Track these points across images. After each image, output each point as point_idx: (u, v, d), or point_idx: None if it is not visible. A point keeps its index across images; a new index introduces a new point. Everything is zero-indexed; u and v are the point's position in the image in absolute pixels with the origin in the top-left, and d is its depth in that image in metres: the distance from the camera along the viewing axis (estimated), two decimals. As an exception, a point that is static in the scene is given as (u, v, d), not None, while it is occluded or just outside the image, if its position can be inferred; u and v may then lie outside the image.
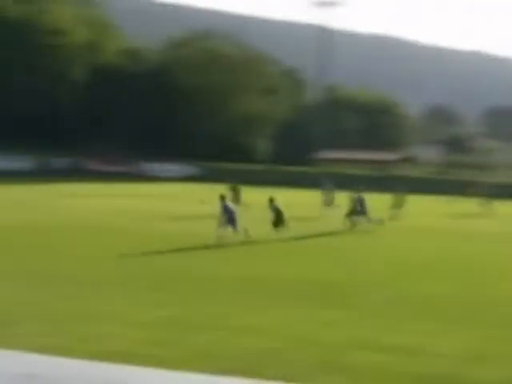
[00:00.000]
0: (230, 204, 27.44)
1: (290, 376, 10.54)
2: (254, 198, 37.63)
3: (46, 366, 9.43)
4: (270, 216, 28.72)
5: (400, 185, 41.86)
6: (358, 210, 32.98)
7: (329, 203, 40.77)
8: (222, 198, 27.11)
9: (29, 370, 8.74)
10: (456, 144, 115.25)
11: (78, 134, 77.96)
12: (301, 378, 10.54)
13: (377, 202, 40.34)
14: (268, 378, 10.13)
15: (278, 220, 28.24)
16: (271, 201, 28.83)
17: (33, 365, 9.12)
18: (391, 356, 11.89)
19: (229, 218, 26.48)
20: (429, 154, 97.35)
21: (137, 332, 12.63)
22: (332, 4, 78.53)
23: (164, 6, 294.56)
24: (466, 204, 51.10)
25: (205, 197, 29.22)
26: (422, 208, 48.78)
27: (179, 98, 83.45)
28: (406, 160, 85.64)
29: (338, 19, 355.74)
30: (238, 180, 39.41)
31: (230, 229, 26.43)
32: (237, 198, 36.17)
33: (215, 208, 28.49)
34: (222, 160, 74.55)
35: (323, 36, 79.95)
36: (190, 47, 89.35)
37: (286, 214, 28.82)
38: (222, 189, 34.64)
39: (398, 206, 39.79)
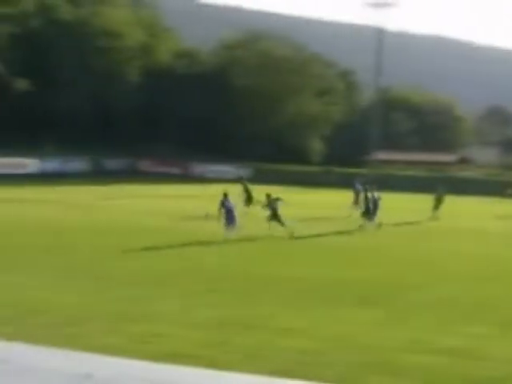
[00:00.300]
0: (229, 202, 27.79)
1: (338, 378, 10.60)
2: (302, 199, 37.51)
3: (102, 365, 9.60)
4: (266, 212, 29.40)
5: (440, 185, 41.44)
6: (370, 209, 32.97)
7: (358, 203, 40.93)
8: (225, 195, 27.78)
9: (86, 370, 8.91)
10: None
11: (131, 135, 78.64)
12: (347, 380, 10.59)
13: (428, 204, 40.11)
14: (315, 379, 10.19)
15: (274, 216, 28.84)
16: (268, 196, 29.57)
17: (90, 365, 9.29)
18: (441, 358, 11.89)
19: (227, 215, 27.17)
20: (486, 156, 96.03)
21: (189, 333, 12.82)
22: (386, 5, 77.99)
23: (215, 7, 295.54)
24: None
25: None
26: (465, 209, 48.26)
27: (233, 100, 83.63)
28: (462, 161, 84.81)
29: (392, 20, 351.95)
30: (291, 181, 39.50)
31: (228, 226, 27.15)
32: (249, 197, 36.95)
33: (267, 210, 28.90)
34: (275, 161, 74.55)
35: (377, 37, 79.43)
36: (244, 49, 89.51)
37: (320, 213, 28.92)
38: (276, 190, 34.92)
39: (437, 207, 39.46)
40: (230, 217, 27.24)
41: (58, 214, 34.33)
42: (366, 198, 33.38)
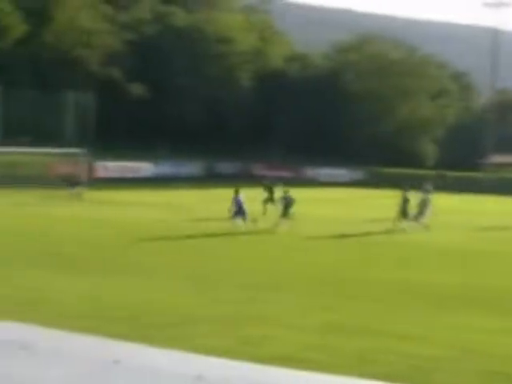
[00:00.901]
0: (240, 197, 30.28)
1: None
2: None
3: (213, 367, 9.67)
4: (279, 208, 31.51)
5: None
6: (407, 211, 32.81)
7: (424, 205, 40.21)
8: (236, 191, 30.53)
9: (197, 372, 9.00)
10: None
11: (243, 139, 79.29)
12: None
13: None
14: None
15: (285, 212, 30.82)
16: (285, 192, 32.01)
17: (201, 366, 9.37)
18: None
19: (238, 209, 29.84)
20: None
21: (298, 336, 12.76)
22: (502, 5, 76.24)
23: (326, 10, 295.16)
24: None
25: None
26: None
27: (345, 103, 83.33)
28: None
29: (510, 20, 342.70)
30: (407, 185, 38.99)
31: (239, 219, 29.84)
32: (271, 198, 37.37)
33: (379, 213, 28.78)
34: (387, 165, 73.82)
35: (493, 38, 77.75)
36: (356, 52, 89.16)
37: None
38: (389, 194, 34.70)
39: None
40: (240, 211, 29.79)
41: (170, 217, 34.93)
42: (406, 199, 33.24)
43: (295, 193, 32.09)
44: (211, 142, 74.95)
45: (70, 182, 46.06)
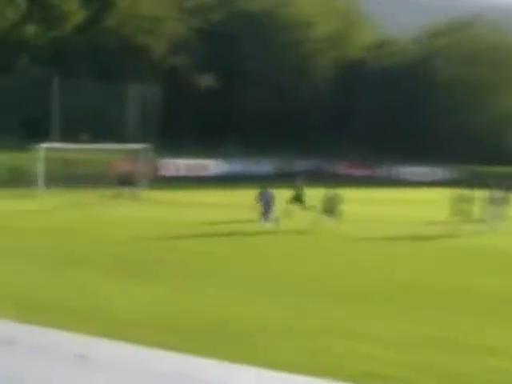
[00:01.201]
0: (266, 196, 32.69)
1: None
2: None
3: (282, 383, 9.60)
4: (321, 206, 33.08)
5: None
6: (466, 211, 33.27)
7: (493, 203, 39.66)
8: (263, 188, 33.23)
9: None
10: None
11: (321, 134, 78.83)
12: None
13: None
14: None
15: (328, 210, 32.76)
16: (328, 191, 33.88)
17: (272, 382, 9.30)
18: None
19: (264, 207, 32.10)
20: None
21: (387, 352, 12.49)
22: None
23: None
24: None
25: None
26: None
27: (437, 94, 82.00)
28: None
29: None
30: (503, 185, 38.60)
31: (264, 217, 31.84)
32: (299, 199, 37.52)
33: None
34: (483, 163, 72.44)
35: None
36: (451, 37, 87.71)
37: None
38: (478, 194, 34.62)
39: None
40: (266, 209, 32.01)
41: (233, 218, 35.00)
42: (463, 199, 33.93)
43: (377, 193, 31.68)
44: (286, 138, 74.62)
45: (123, 181, 46.57)
